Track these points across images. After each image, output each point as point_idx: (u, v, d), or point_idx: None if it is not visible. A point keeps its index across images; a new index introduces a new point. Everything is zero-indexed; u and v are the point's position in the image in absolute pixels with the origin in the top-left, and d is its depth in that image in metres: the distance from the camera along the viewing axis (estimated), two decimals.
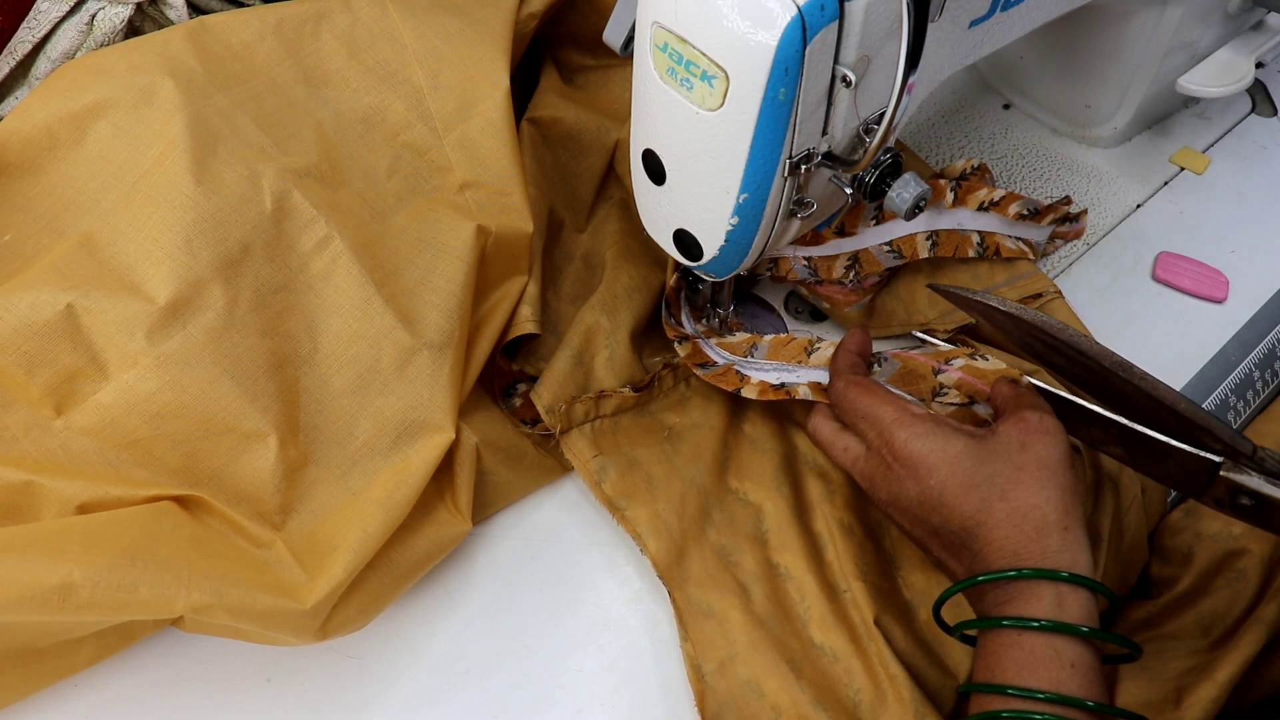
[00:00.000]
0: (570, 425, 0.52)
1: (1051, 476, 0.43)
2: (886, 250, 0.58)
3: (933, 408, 0.48)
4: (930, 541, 0.45)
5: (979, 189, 0.58)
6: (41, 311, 0.44)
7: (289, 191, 0.48)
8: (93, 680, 0.47)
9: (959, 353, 0.49)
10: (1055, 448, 0.43)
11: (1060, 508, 0.42)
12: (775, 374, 0.53)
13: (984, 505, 0.43)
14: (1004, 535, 0.42)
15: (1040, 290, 0.57)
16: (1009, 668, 0.40)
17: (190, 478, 0.45)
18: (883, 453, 0.45)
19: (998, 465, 0.43)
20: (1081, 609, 0.40)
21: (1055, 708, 0.38)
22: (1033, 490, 0.42)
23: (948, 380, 0.48)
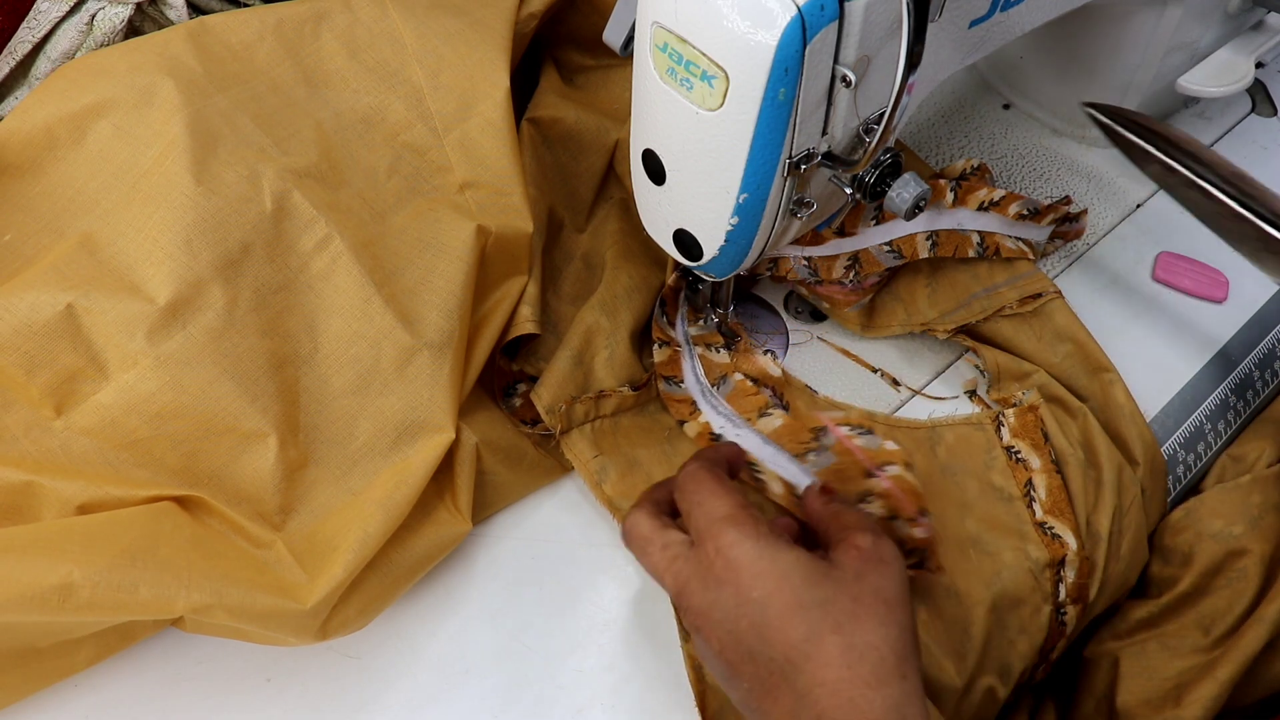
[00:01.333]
0: (570, 425, 0.52)
1: (890, 613, 0.38)
2: (886, 250, 0.58)
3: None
4: (743, 669, 0.38)
5: (979, 189, 0.58)
6: (41, 312, 0.44)
7: (289, 191, 0.48)
8: (93, 680, 0.47)
9: (895, 458, 0.47)
10: (893, 579, 0.39)
11: (898, 651, 0.37)
12: (720, 421, 0.53)
13: (813, 634, 0.37)
14: (837, 676, 0.36)
15: (1040, 290, 0.57)
16: None
17: (190, 478, 0.45)
18: (707, 549, 0.39)
19: (832, 590, 0.38)
20: None
21: None
22: (871, 626, 0.37)
23: (876, 488, 0.47)
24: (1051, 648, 0.48)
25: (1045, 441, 0.52)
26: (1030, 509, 0.50)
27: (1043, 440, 0.52)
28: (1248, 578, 0.51)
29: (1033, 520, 0.49)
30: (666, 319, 0.57)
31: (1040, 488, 0.50)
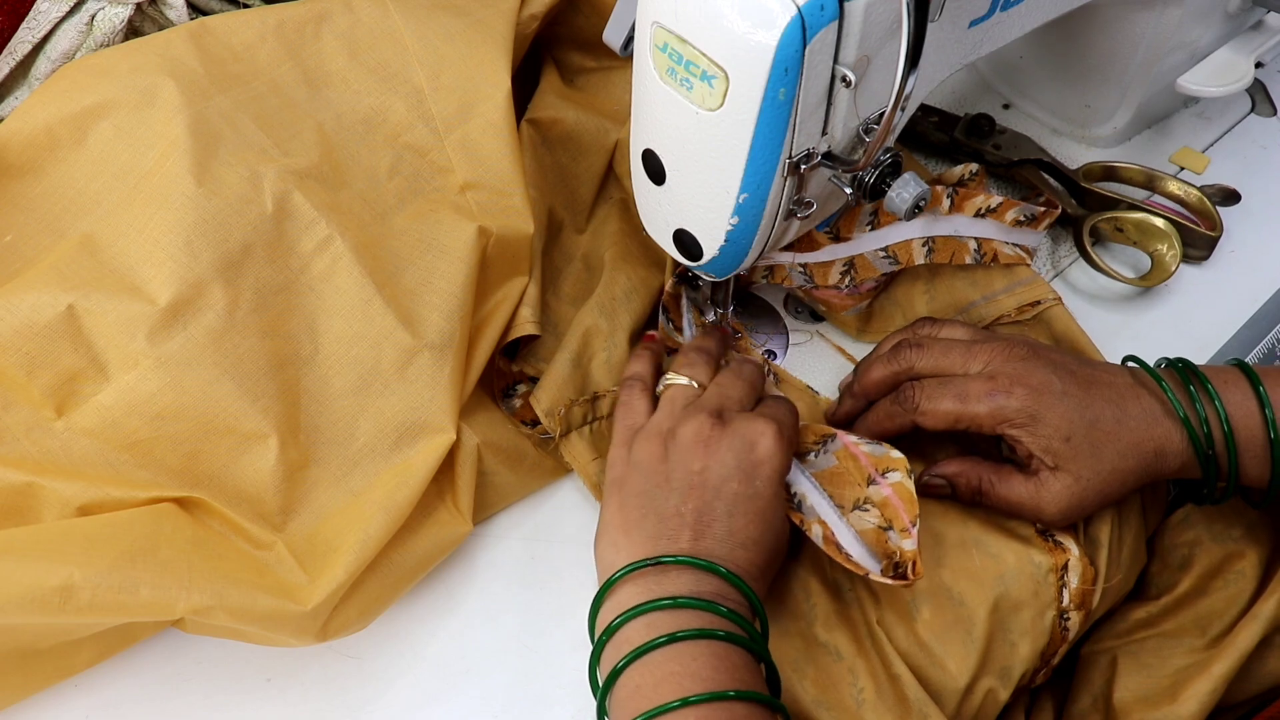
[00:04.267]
0: (569, 428, 0.52)
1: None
2: (882, 256, 0.57)
3: (849, 518, 0.48)
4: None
5: (976, 195, 0.58)
6: (42, 312, 0.44)
7: (290, 192, 0.48)
8: (93, 680, 0.47)
9: (898, 465, 0.48)
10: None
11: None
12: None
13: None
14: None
15: (1039, 297, 0.57)
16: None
17: (191, 479, 0.45)
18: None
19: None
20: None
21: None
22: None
23: (875, 496, 0.48)
24: (1053, 653, 0.48)
25: None
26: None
27: None
28: (1245, 579, 0.51)
29: (1034, 528, 0.49)
30: (672, 325, 0.57)
31: None
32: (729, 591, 0.43)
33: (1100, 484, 0.46)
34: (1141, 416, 0.47)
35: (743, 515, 0.44)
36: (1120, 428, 0.46)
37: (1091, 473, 0.46)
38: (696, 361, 0.51)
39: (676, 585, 0.43)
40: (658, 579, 0.43)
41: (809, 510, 0.48)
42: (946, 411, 0.48)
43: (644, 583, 0.43)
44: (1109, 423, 0.46)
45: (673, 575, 0.43)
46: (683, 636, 0.41)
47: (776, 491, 0.46)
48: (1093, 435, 0.46)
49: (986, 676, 0.47)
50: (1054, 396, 0.46)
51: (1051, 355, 0.49)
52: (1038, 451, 0.47)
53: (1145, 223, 0.62)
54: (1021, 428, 0.46)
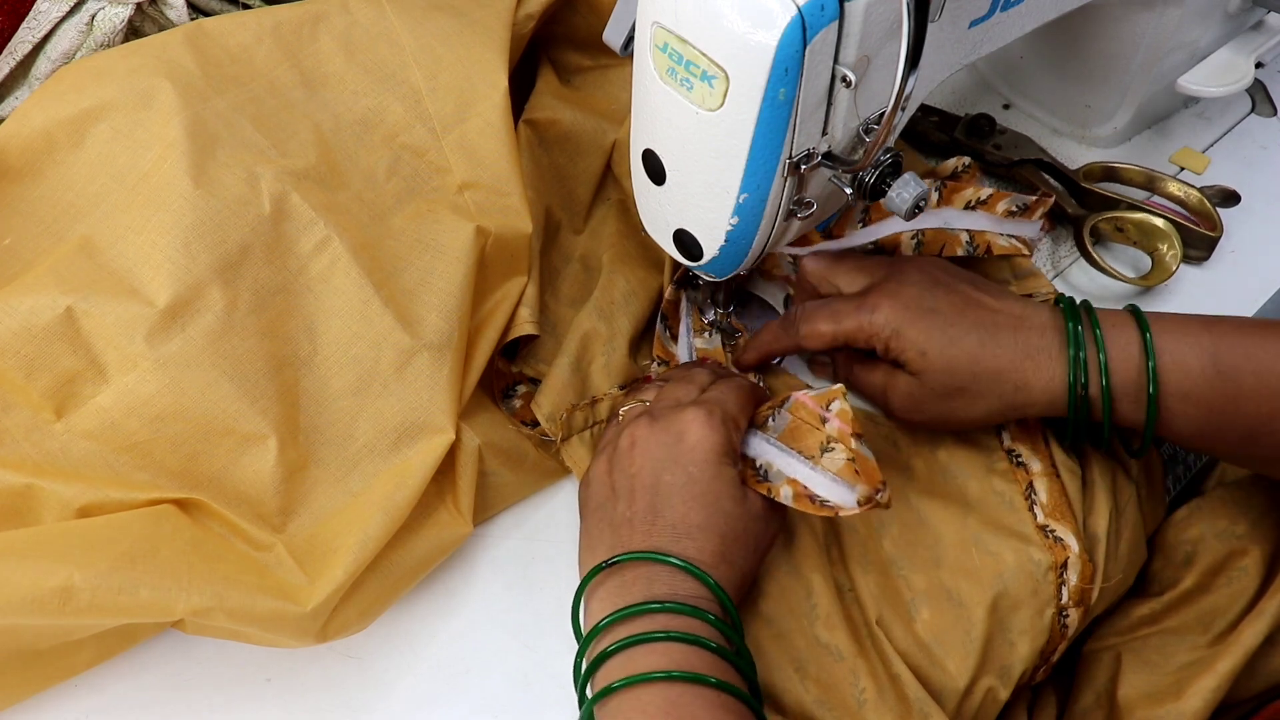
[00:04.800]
0: (570, 433, 0.52)
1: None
2: (872, 251, 0.58)
3: (822, 463, 0.48)
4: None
5: (965, 188, 0.58)
6: (41, 315, 0.44)
7: (287, 193, 0.48)
8: (93, 680, 0.47)
9: (836, 393, 0.48)
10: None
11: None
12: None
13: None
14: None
15: (1032, 291, 0.57)
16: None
17: (190, 480, 0.45)
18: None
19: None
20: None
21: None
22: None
23: (832, 431, 0.47)
24: (1053, 651, 0.48)
25: (1044, 445, 0.52)
26: (1032, 512, 0.50)
27: (1043, 444, 0.52)
28: (1249, 576, 0.51)
29: (1034, 524, 0.49)
30: (670, 333, 0.57)
31: (1041, 491, 0.50)
32: (684, 583, 0.43)
33: (945, 395, 0.48)
34: (1012, 346, 0.47)
35: (682, 504, 0.45)
36: (982, 351, 0.47)
37: (939, 384, 0.48)
38: (648, 388, 0.52)
39: (635, 588, 0.43)
40: (619, 584, 0.44)
41: (776, 475, 0.47)
42: (822, 331, 0.51)
43: (607, 590, 0.44)
44: (969, 344, 0.47)
45: (629, 575, 0.44)
46: (635, 681, 0.41)
47: (714, 472, 0.45)
48: (949, 352, 0.47)
49: (986, 676, 0.47)
50: (918, 312, 0.48)
51: (937, 274, 0.50)
52: (901, 360, 0.49)
53: (1145, 223, 0.62)
54: (886, 340, 0.49)
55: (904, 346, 0.48)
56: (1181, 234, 0.61)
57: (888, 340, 0.49)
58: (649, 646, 0.41)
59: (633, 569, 0.44)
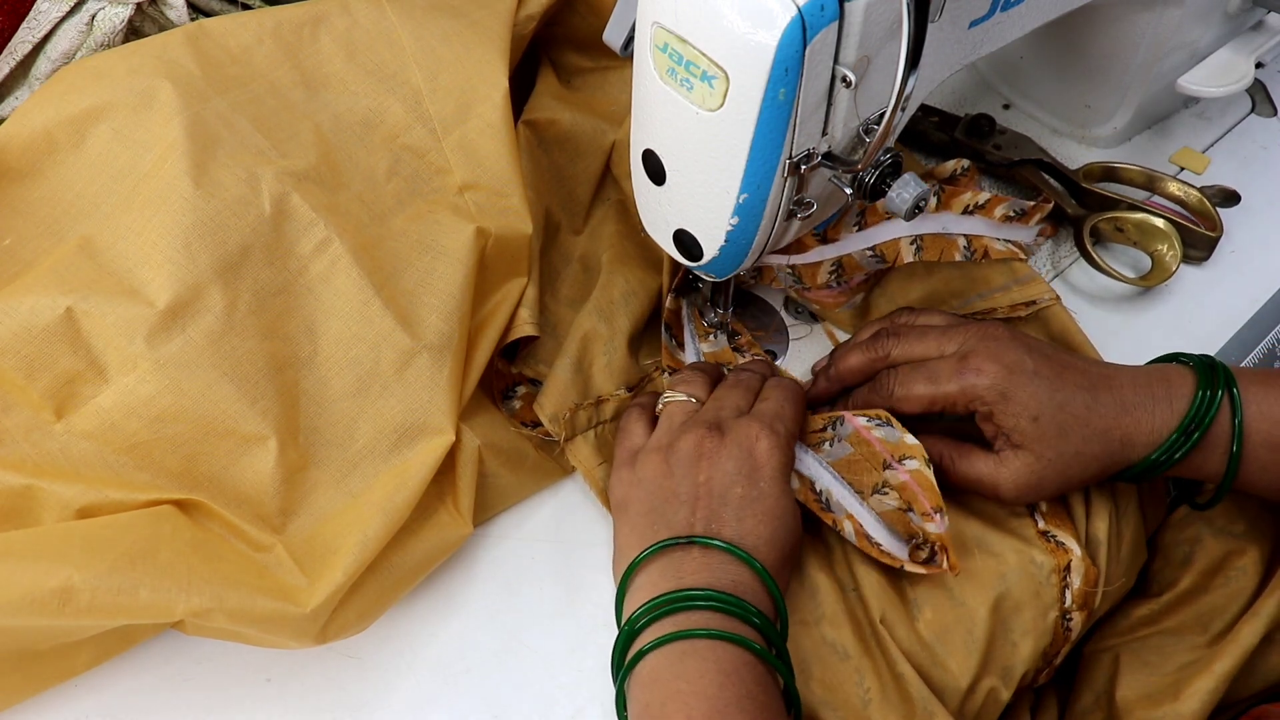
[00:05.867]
0: (574, 433, 0.52)
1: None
2: (870, 255, 0.57)
3: (870, 502, 0.48)
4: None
5: (963, 192, 0.58)
6: (41, 315, 0.44)
7: (288, 194, 0.48)
8: (93, 680, 0.47)
9: (915, 452, 0.48)
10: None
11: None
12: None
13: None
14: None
15: (1034, 297, 0.57)
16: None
17: (190, 481, 0.45)
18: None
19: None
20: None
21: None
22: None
23: (893, 480, 0.48)
24: (1055, 653, 0.48)
25: None
26: (1032, 518, 0.50)
27: None
28: (1247, 576, 0.51)
29: (1036, 529, 0.49)
30: (675, 342, 0.57)
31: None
32: (745, 578, 0.43)
33: (1062, 465, 0.47)
34: (1112, 404, 0.47)
35: (751, 517, 0.45)
36: (1090, 413, 0.46)
37: (1054, 453, 0.46)
38: (693, 379, 0.52)
39: (695, 573, 0.43)
40: (674, 566, 0.44)
41: (837, 507, 0.48)
42: (920, 395, 0.49)
43: (659, 571, 0.44)
44: (1078, 406, 0.46)
45: (690, 558, 0.43)
46: (687, 635, 0.41)
47: (782, 489, 0.46)
48: (1060, 417, 0.46)
49: (988, 676, 0.47)
50: (1025, 376, 0.47)
51: (1026, 339, 0.49)
52: (1005, 429, 0.47)
53: (1145, 223, 0.62)
54: (991, 405, 0.47)
55: (1013, 412, 0.46)
56: (1181, 234, 0.61)
57: (993, 405, 0.47)
58: (699, 615, 0.42)
59: (691, 555, 0.44)
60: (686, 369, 0.53)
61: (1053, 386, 0.46)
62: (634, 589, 0.45)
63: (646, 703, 0.41)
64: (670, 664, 0.41)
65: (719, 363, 0.57)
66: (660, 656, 0.41)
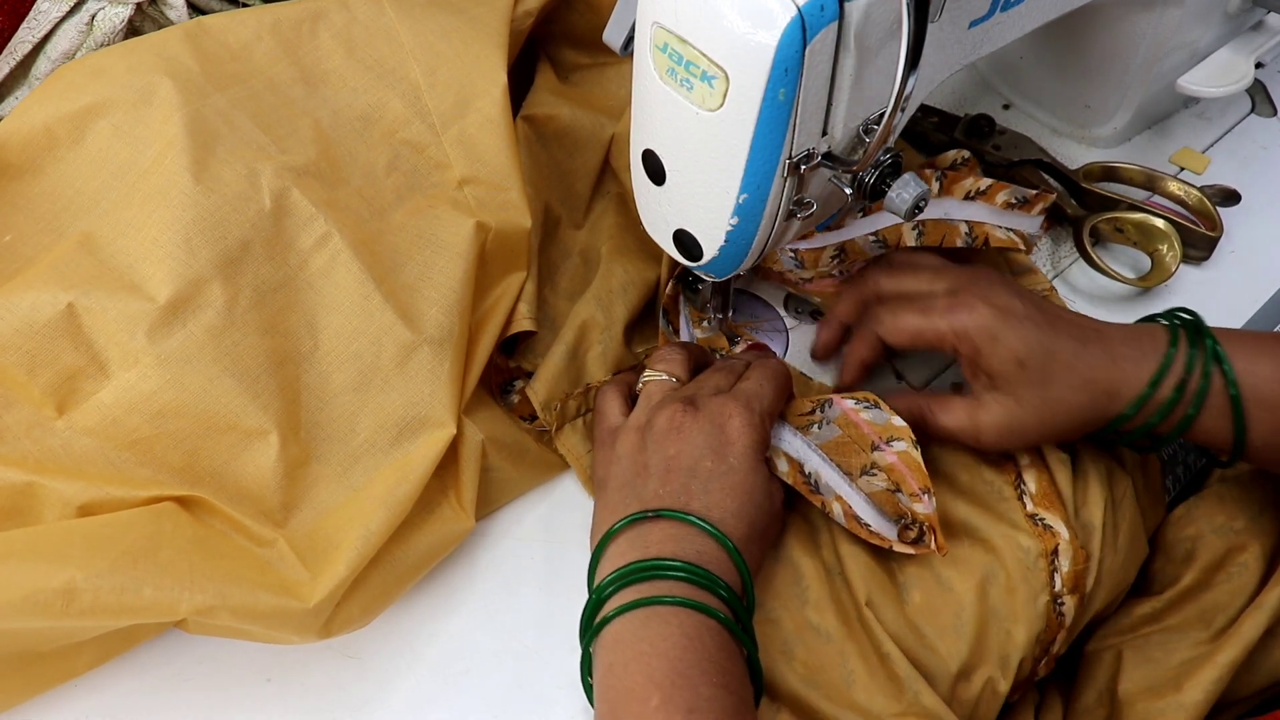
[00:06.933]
0: (564, 421, 0.52)
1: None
2: (872, 240, 0.58)
3: (858, 483, 0.48)
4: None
5: (965, 178, 0.58)
6: (42, 311, 0.44)
7: (288, 189, 0.48)
8: (93, 680, 0.47)
9: (902, 434, 0.48)
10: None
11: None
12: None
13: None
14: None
15: (1030, 286, 0.57)
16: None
17: (192, 476, 0.45)
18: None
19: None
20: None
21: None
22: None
23: (880, 461, 0.48)
24: (1051, 640, 0.48)
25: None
26: (1021, 501, 0.50)
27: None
28: (1248, 572, 0.51)
29: (1023, 512, 0.50)
30: (671, 328, 0.57)
31: (1030, 481, 0.50)
32: (711, 550, 0.44)
33: (1043, 411, 0.47)
34: (1101, 355, 0.47)
35: (719, 490, 0.45)
36: (1076, 360, 0.46)
37: (1036, 398, 0.46)
38: (672, 357, 0.52)
39: (660, 544, 0.43)
40: (642, 537, 0.44)
41: (825, 489, 0.48)
42: (908, 326, 0.49)
43: (628, 542, 0.44)
44: (1065, 354, 0.46)
45: (657, 530, 0.44)
46: (653, 602, 0.41)
47: (753, 466, 0.46)
48: (1046, 362, 0.46)
49: (985, 665, 0.47)
50: (1015, 318, 0.46)
51: (1018, 286, 0.49)
52: (989, 371, 0.47)
53: (1145, 223, 0.62)
54: (979, 344, 0.46)
55: (1000, 354, 0.46)
56: (1182, 234, 0.61)
57: (980, 345, 0.46)
58: (665, 584, 0.42)
59: (659, 527, 0.44)
60: (667, 346, 0.53)
61: (1042, 331, 0.46)
62: (604, 560, 0.45)
63: (610, 664, 0.41)
64: (634, 628, 0.41)
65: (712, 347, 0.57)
66: (625, 622, 0.42)
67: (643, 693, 0.39)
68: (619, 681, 0.40)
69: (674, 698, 0.39)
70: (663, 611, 0.41)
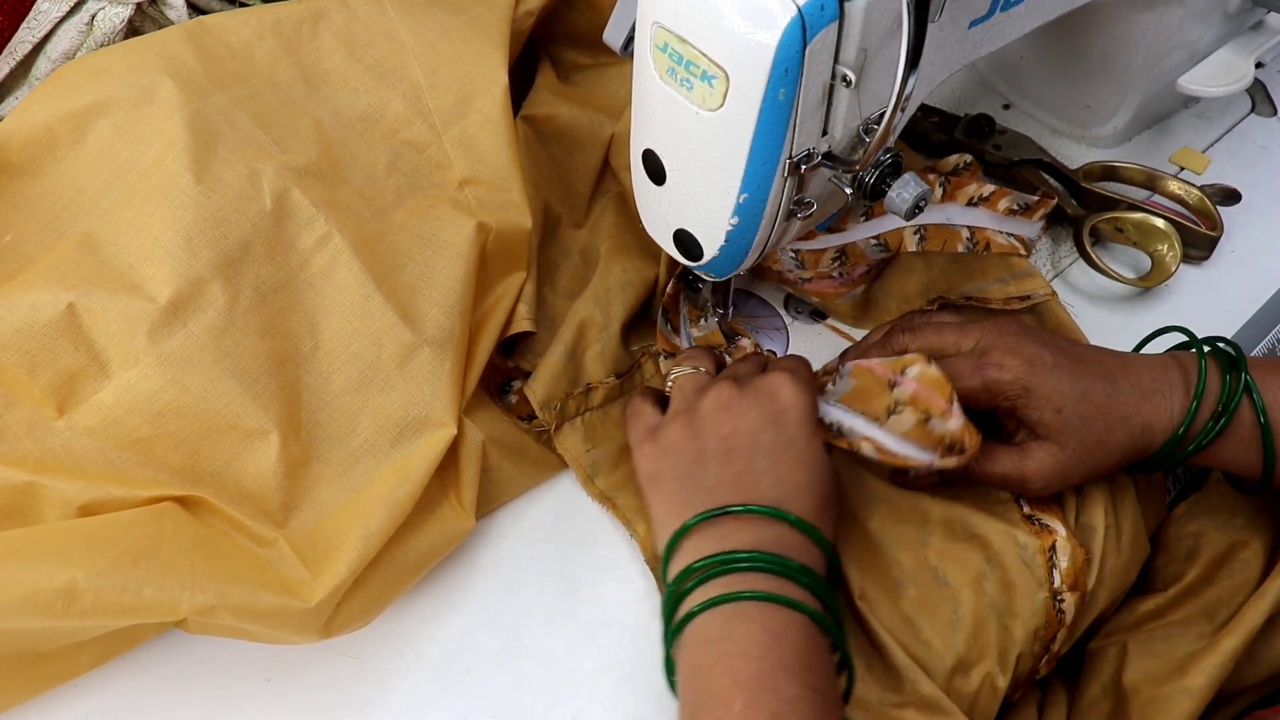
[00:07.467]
0: (563, 420, 0.52)
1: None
2: (874, 244, 0.58)
3: (888, 426, 0.48)
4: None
5: (968, 184, 0.58)
6: (43, 311, 0.44)
7: (288, 189, 0.48)
8: (93, 680, 0.47)
9: (913, 360, 0.48)
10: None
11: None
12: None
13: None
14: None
15: (1029, 292, 0.57)
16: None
17: (192, 476, 0.45)
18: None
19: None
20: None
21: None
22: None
23: (902, 395, 0.48)
24: (1052, 637, 0.48)
25: None
26: (1018, 503, 0.50)
27: None
28: (1251, 567, 0.51)
29: (1020, 513, 0.50)
30: (670, 326, 0.57)
31: None
32: (789, 533, 0.43)
33: (1085, 454, 0.47)
34: (1131, 391, 0.47)
35: (786, 463, 0.45)
36: (1110, 401, 0.47)
37: (1078, 443, 0.47)
38: (698, 355, 0.52)
39: (737, 534, 0.43)
40: (715, 528, 0.43)
41: (850, 433, 0.48)
42: None
43: (701, 534, 0.44)
44: (1099, 395, 0.47)
45: (731, 519, 0.43)
46: (734, 598, 0.41)
47: (812, 432, 0.46)
48: (1082, 407, 0.46)
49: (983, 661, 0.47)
50: (1045, 369, 0.47)
51: (1041, 333, 0.49)
52: (1029, 422, 0.47)
53: (1145, 223, 0.62)
54: (1014, 399, 0.47)
55: (1036, 406, 0.46)
56: (1182, 234, 0.61)
57: (1016, 400, 0.47)
58: (745, 577, 0.42)
59: (733, 521, 0.44)
60: (688, 350, 0.53)
61: (1073, 377, 0.47)
62: (678, 555, 0.44)
63: (695, 665, 0.41)
64: (718, 626, 0.41)
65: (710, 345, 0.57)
66: (707, 620, 0.41)
67: (726, 696, 0.39)
68: (703, 684, 0.40)
69: (758, 700, 0.38)
70: (746, 608, 0.41)
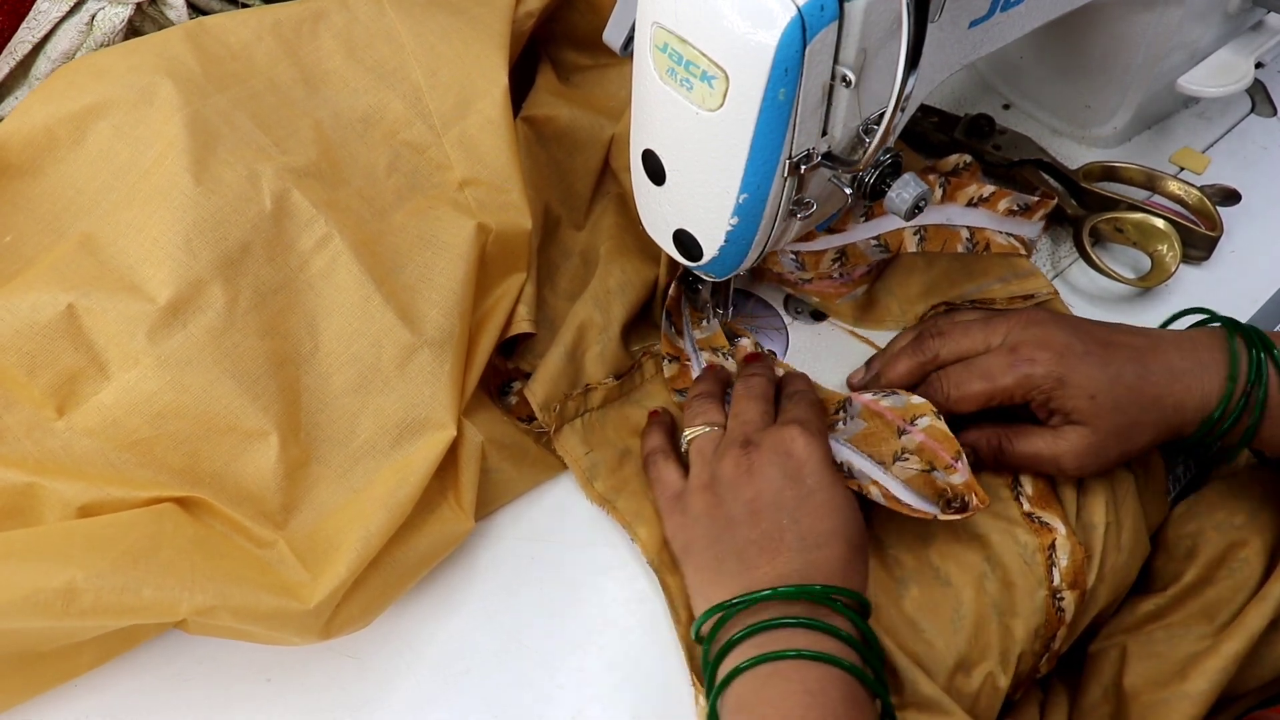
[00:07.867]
0: (563, 422, 0.52)
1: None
2: (874, 244, 0.58)
3: (893, 471, 0.49)
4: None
5: (968, 184, 0.58)
6: (42, 312, 0.44)
7: (288, 190, 0.48)
8: (93, 680, 0.47)
9: (924, 409, 0.49)
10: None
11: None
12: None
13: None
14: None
15: (1032, 291, 0.57)
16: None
17: (192, 477, 0.45)
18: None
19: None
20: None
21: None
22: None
23: (910, 444, 0.49)
24: (1052, 636, 0.48)
25: None
26: (1018, 502, 0.50)
27: None
28: (1250, 567, 0.51)
29: (1020, 511, 0.50)
30: (674, 329, 0.57)
31: (1026, 484, 0.51)
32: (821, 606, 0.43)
33: (1119, 435, 0.48)
34: (1162, 372, 0.48)
35: (809, 515, 0.45)
36: (1142, 382, 0.48)
37: (1111, 425, 0.48)
38: (705, 407, 0.52)
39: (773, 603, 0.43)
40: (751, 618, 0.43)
41: (860, 474, 0.49)
42: (977, 393, 0.50)
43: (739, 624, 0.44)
44: (1131, 378, 0.48)
45: (760, 612, 0.43)
46: (770, 658, 0.41)
47: (831, 480, 0.46)
48: (1115, 391, 0.47)
49: (985, 661, 0.47)
50: (1076, 357, 0.48)
51: (1068, 319, 0.50)
52: (1064, 410, 0.48)
53: (1145, 223, 0.62)
54: (1049, 392, 0.48)
55: (1070, 395, 0.47)
56: (1182, 234, 0.61)
57: (1050, 391, 0.48)
58: (782, 634, 0.42)
59: (766, 574, 0.44)
60: (692, 398, 0.53)
61: (1103, 363, 0.48)
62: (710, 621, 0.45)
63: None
64: (756, 688, 0.41)
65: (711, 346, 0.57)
66: (746, 681, 0.42)
67: None
68: None
69: None
70: (783, 667, 0.41)
